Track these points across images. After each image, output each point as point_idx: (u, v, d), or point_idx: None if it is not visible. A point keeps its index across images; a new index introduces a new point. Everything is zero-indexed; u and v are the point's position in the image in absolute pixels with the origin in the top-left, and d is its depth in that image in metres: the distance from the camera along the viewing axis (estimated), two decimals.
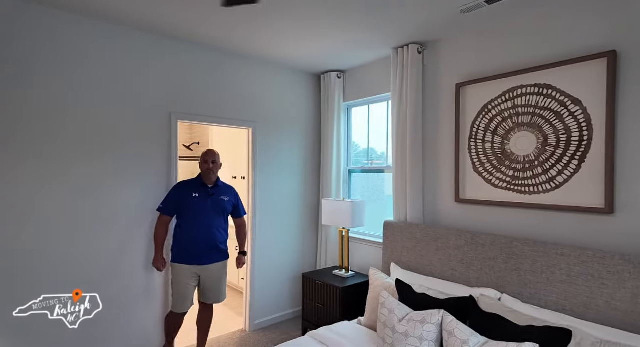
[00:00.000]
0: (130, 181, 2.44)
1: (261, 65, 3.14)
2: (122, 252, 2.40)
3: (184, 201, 2.39)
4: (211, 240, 2.43)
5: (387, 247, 2.68)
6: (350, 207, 2.80)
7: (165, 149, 2.60)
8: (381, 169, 3.21)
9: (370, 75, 3.17)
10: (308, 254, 3.51)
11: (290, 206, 3.37)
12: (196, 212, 2.40)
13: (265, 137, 3.20)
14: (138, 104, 2.50)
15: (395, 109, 2.77)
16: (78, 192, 2.24)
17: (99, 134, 2.33)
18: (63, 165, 2.19)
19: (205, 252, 2.41)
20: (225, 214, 2.54)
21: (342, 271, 2.95)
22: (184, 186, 2.47)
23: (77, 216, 2.23)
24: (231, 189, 2.65)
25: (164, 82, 2.62)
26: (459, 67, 2.46)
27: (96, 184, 2.31)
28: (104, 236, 2.34)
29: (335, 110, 3.36)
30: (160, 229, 2.40)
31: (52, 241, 2.10)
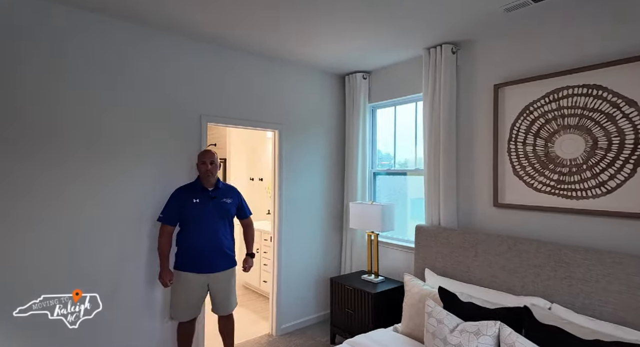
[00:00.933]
0: (154, 182, 2.38)
1: (287, 66, 3.10)
2: (142, 255, 2.35)
3: (184, 207, 2.25)
4: (217, 246, 2.29)
5: (420, 252, 2.61)
6: (380, 210, 2.74)
7: (195, 151, 2.56)
8: (406, 172, 3.14)
9: (397, 76, 3.11)
10: (332, 257, 3.46)
11: (314, 208, 3.32)
12: (199, 219, 2.25)
13: (290, 139, 3.16)
14: (169, 105, 2.47)
15: (427, 111, 2.70)
16: (100, 193, 2.19)
17: (123, 136, 2.29)
18: (84, 166, 2.13)
19: (212, 260, 2.27)
20: (229, 217, 2.40)
21: (371, 275, 2.90)
22: (183, 191, 2.31)
23: (95, 217, 2.18)
24: (233, 190, 2.50)
25: (194, 84, 2.59)
26: (498, 67, 2.39)
27: (116, 184, 2.26)
28: (127, 236, 2.30)
29: (361, 111, 3.31)
30: (163, 241, 2.25)
31: (54, 241, 1.99)
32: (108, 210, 2.22)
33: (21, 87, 1.94)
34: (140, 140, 2.35)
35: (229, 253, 2.37)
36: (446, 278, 2.35)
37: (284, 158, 3.12)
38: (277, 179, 3.11)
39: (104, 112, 2.22)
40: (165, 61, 2.45)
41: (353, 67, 3.24)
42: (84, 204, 2.14)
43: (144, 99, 2.36)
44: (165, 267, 2.26)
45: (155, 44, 2.41)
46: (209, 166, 2.30)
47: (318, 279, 3.34)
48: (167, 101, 2.46)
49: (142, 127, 2.36)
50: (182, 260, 2.29)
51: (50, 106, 2.04)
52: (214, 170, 2.33)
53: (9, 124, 1.91)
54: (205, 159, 2.31)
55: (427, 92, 2.71)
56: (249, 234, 2.60)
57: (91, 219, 2.16)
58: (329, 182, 3.42)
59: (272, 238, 3.15)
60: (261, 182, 4.84)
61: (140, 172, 2.35)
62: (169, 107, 2.47)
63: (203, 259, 2.26)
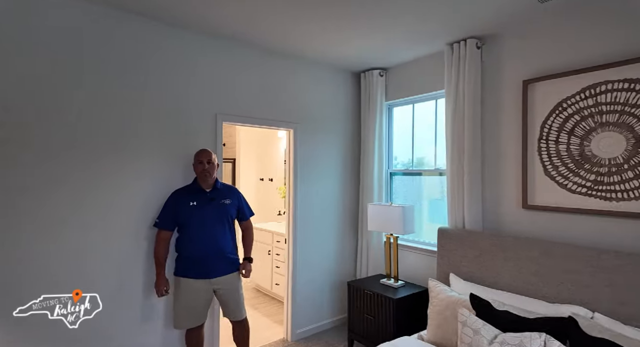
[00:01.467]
0: (167, 183, 2.29)
1: (302, 63, 3.00)
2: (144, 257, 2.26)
3: (181, 211, 2.13)
4: (218, 251, 2.16)
5: (443, 255, 2.51)
6: (400, 212, 2.64)
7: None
8: (425, 172, 3.03)
9: (416, 72, 3.00)
10: (347, 260, 3.36)
11: (329, 209, 3.22)
12: (197, 223, 2.13)
13: (305, 139, 3.06)
14: (183, 104, 2.38)
15: (449, 108, 2.59)
16: (104, 192, 2.11)
17: (131, 135, 2.20)
18: (86, 164, 2.04)
19: (214, 265, 2.16)
20: (229, 219, 2.26)
21: (391, 280, 2.79)
22: (179, 194, 2.19)
23: (98, 217, 2.10)
24: (233, 190, 2.36)
25: (210, 82, 2.50)
26: (527, 62, 2.27)
27: (128, 183, 2.18)
28: (132, 236, 2.22)
29: (377, 109, 3.20)
30: (159, 247, 2.13)
31: (55, 241, 1.89)
32: (112, 211, 2.13)
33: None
34: (150, 140, 2.26)
35: (231, 257, 2.25)
36: (473, 283, 2.24)
37: (299, 158, 3.02)
38: (291, 179, 3.01)
39: (111, 109, 2.13)
40: (180, 58, 2.36)
41: (369, 64, 3.14)
42: (86, 203, 2.05)
43: (156, 97, 2.28)
44: (161, 275, 2.14)
45: (171, 41, 2.32)
46: (206, 166, 2.17)
47: (333, 283, 3.25)
48: (181, 100, 2.37)
49: (153, 126, 2.27)
50: (182, 266, 2.18)
51: (66, 107, 1.96)
52: (212, 170, 2.20)
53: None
54: (201, 158, 2.18)
55: (449, 89, 2.60)
56: (247, 237, 2.43)
57: (95, 219, 2.07)
58: (344, 182, 3.32)
59: (287, 240, 3.05)
60: (271, 183, 4.75)
61: (151, 173, 2.26)
62: (183, 106, 2.38)
63: (204, 264, 2.15)
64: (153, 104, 2.27)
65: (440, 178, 2.97)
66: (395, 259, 2.78)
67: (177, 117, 2.36)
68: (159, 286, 2.14)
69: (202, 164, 2.19)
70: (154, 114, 2.27)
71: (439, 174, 2.95)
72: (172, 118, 2.34)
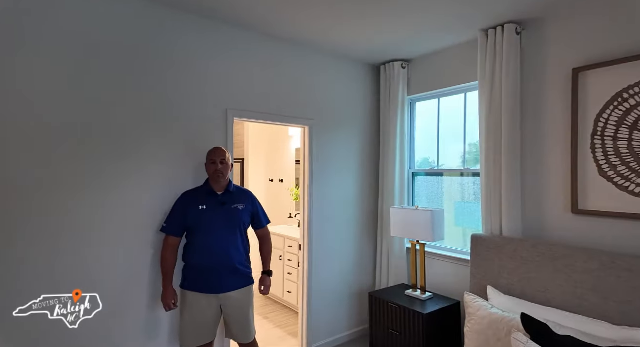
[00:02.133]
0: (171, 184, 2.07)
1: (318, 56, 2.77)
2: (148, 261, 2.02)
3: (190, 215, 1.92)
4: (227, 262, 1.93)
5: (478, 265, 2.25)
6: (429, 217, 2.39)
7: None
8: (452, 173, 2.77)
9: (443, 63, 2.75)
10: (366, 268, 3.11)
11: (346, 213, 2.98)
12: (205, 229, 1.92)
13: (321, 136, 2.82)
14: (191, 98, 2.16)
15: (484, 102, 2.33)
16: (102, 193, 1.89)
17: (133, 131, 1.98)
18: (90, 164, 1.85)
19: (222, 278, 1.92)
20: (242, 226, 2.02)
21: (417, 291, 2.54)
22: (188, 196, 1.99)
23: (97, 217, 1.89)
24: (247, 194, 2.12)
25: (220, 75, 2.27)
26: (578, 48, 2.01)
27: (133, 183, 1.97)
28: (133, 240, 2.00)
29: (399, 105, 2.95)
30: (167, 255, 1.93)
31: (56, 241, 1.71)
32: (117, 213, 1.92)
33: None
34: (156, 137, 2.04)
35: (242, 269, 1.99)
36: (515, 298, 1.98)
37: (315, 157, 2.79)
38: (306, 181, 2.77)
39: (113, 106, 1.92)
40: (187, 50, 2.14)
41: (390, 55, 2.89)
42: (88, 205, 1.84)
43: (161, 91, 2.06)
44: (168, 286, 1.93)
45: (179, 30, 2.10)
46: (218, 166, 1.95)
47: (351, 292, 3.00)
48: (188, 94, 2.15)
49: (159, 123, 2.05)
50: (188, 278, 1.96)
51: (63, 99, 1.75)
52: (225, 170, 1.97)
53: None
54: (214, 157, 1.97)
55: (483, 80, 2.35)
56: (265, 247, 2.19)
57: (96, 223, 1.86)
58: (361, 184, 3.08)
59: (301, 246, 2.82)
60: (281, 184, 4.52)
61: (158, 173, 2.04)
62: (191, 101, 2.16)
63: (211, 276, 1.91)
64: (158, 99, 2.04)
65: (467, 179, 2.71)
66: (422, 269, 2.52)
67: (185, 113, 2.13)
68: (166, 299, 1.92)
69: (215, 164, 1.96)
70: (159, 109, 2.05)
71: (471, 175, 2.69)
72: (179, 114, 2.11)
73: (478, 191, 2.62)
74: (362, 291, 3.06)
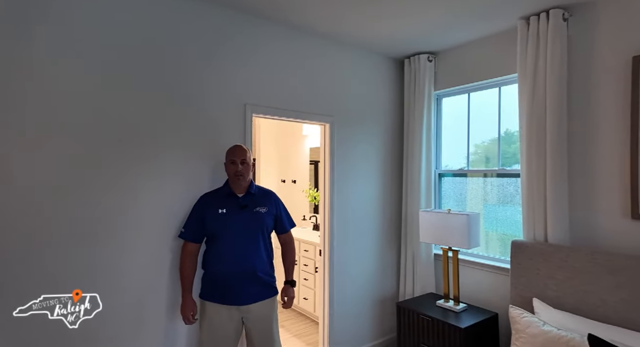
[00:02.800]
0: (184, 186, 1.90)
1: (335, 47, 2.58)
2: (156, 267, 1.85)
3: (209, 219, 1.77)
4: (249, 270, 1.76)
5: (520, 275, 2.05)
6: (465, 222, 2.19)
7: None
8: (485, 173, 2.57)
9: (476, 55, 2.55)
10: (389, 275, 2.92)
11: (367, 217, 2.79)
12: (225, 235, 1.76)
13: (341, 134, 2.64)
14: (206, 92, 1.99)
15: (525, 96, 2.14)
16: (120, 195, 1.74)
17: (142, 128, 1.81)
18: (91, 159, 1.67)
19: (243, 288, 1.75)
20: (265, 231, 1.85)
21: (449, 302, 2.35)
22: (207, 199, 1.84)
23: (101, 218, 1.72)
24: (270, 195, 1.94)
25: (239, 68, 2.10)
26: (637, 33, 1.80)
27: (148, 185, 1.81)
28: (138, 244, 1.83)
29: (425, 101, 2.76)
30: (186, 263, 1.78)
31: (59, 241, 1.56)
32: (130, 217, 1.76)
33: None
34: (168, 135, 1.87)
35: (265, 279, 1.82)
36: (568, 313, 1.78)
37: (336, 157, 2.60)
38: (327, 182, 2.59)
39: (127, 102, 1.75)
40: (203, 39, 1.97)
41: (416, 47, 2.69)
42: (101, 208, 1.68)
43: (174, 86, 1.89)
44: (187, 296, 1.77)
45: (195, 22, 1.94)
46: (239, 167, 1.78)
47: (374, 300, 2.81)
48: (205, 88, 1.98)
49: (172, 119, 1.88)
50: (207, 287, 1.80)
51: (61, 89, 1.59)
52: (246, 171, 1.80)
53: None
54: (234, 156, 1.80)
55: (524, 72, 2.15)
56: (288, 254, 2.01)
57: (109, 227, 1.70)
58: (384, 185, 2.89)
59: (322, 252, 2.64)
60: (294, 185, 4.34)
61: (169, 173, 1.87)
62: (207, 95, 1.99)
63: (231, 286, 1.74)
64: (172, 95, 1.88)
65: (499, 180, 2.51)
66: (456, 277, 2.33)
67: (201, 108, 1.96)
68: (184, 311, 1.77)
69: (235, 164, 1.79)
70: (173, 106, 1.88)
71: (496, 175, 2.49)
72: (195, 110, 1.94)
73: (512, 192, 2.43)
74: (385, 299, 2.87)
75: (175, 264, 1.86)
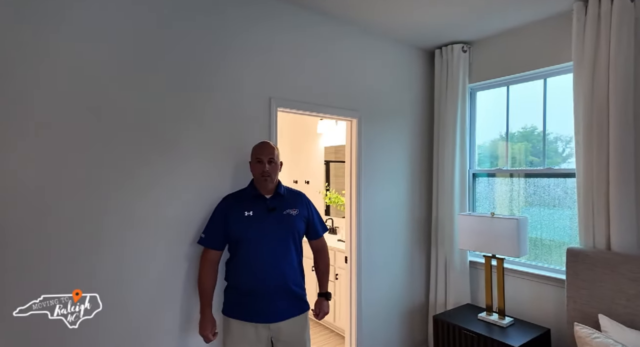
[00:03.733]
0: (203, 186, 1.69)
1: (362, 36, 2.36)
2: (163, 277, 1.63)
3: (233, 224, 1.55)
4: (279, 281, 1.54)
5: (578, 287, 1.83)
6: (514, 227, 1.97)
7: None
8: (533, 173, 2.34)
9: (517, 43, 2.32)
10: (418, 284, 2.69)
11: (394, 221, 2.56)
12: (253, 240, 1.54)
13: (369, 131, 2.41)
14: (230, 85, 1.77)
15: (583, 87, 1.91)
16: (132, 195, 1.53)
17: (158, 124, 1.60)
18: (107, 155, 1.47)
19: (274, 302, 1.53)
20: (297, 236, 1.63)
21: (493, 315, 2.12)
22: (231, 201, 1.62)
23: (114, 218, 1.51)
24: (300, 197, 1.73)
25: (263, 57, 1.88)
26: None
27: (162, 184, 1.60)
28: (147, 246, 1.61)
29: (459, 94, 2.53)
30: (206, 272, 1.56)
31: (59, 241, 1.39)
32: (141, 219, 1.55)
33: None
34: (186, 131, 1.65)
35: (298, 291, 1.60)
36: None
37: (363, 156, 2.38)
38: (354, 183, 2.36)
39: (139, 91, 1.53)
40: (231, 23, 1.74)
41: (449, 36, 2.47)
42: (109, 209, 1.47)
43: (196, 75, 1.66)
44: (206, 312, 1.56)
45: (216, 5, 1.72)
46: (266, 166, 1.57)
47: (402, 311, 2.58)
48: (226, 79, 1.75)
49: (191, 114, 1.66)
50: (231, 302, 1.58)
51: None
52: (274, 171, 1.61)
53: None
54: (261, 155, 1.59)
55: (581, 60, 1.93)
56: (322, 262, 1.78)
57: (116, 230, 1.49)
58: (412, 186, 2.66)
59: (349, 259, 2.41)
60: (308, 185, 4.11)
61: (187, 173, 1.65)
62: (229, 87, 1.76)
63: (260, 300, 1.52)
64: (190, 86, 1.65)
65: (547, 181, 2.28)
66: (501, 288, 2.10)
67: (222, 102, 1.74)
68: (203, 329, 1.55)
69: (262, 163, 1.57)
70: (191, 99, 1.66)
71: (556, 176, 2.27)
72: (215, 103, 1.72)
73: (560, 195, 2.21)
74: (414, 310, 2.65)
75: (192, 274, 1.65)
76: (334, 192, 3.56)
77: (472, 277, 2.51)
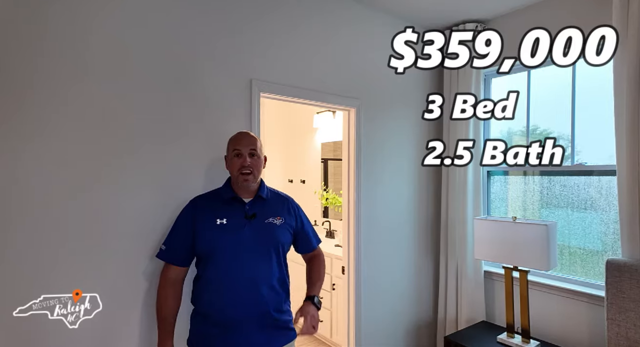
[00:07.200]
0: (167, 186, 1.41)
1: (364, 11, 2.05)
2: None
3: (202, 234, 1.25)
4: (258, 308, 1.23)
5: (624, 308, 1.52)
6: (544, 234, 1.66)
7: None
8: (565, 170, 2.03)
9: (539, 22, 2.00)
10: (424, 297, 2.38)
11: (398, 226, 2.26)
12: (226, 254, 1.23)
13: (368, 123, 2.10)
14: (200, 62, 1.46)
15: (627, 67, 1.60)
16: (112, 188, 1.26)
17: (118, 112, 1.30)
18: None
19: (249, 335, 1.22)
20: (280, 250, 1.31)
21: (516, 337, 1.81)
22: (201, 205, 1.31)
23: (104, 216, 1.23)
24: (287, 202, 1.42)
25: (242, 31, 1.56)
26: None
27: (115, 184, 1.31)
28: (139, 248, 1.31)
29: (472, 81, 2.22)
30: (165, 293, 1.27)
31: (59, 240, 1.28)
32: (94, 228, 1.26)
33: None
34: (143, 118, 1.35)
35: (281, 319, 1.28)
36: None
37: (363, 151, 2.07)
38: (352, 183, 2.06)
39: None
40: None
41: (460, 14, 2.17)
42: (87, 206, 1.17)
43: (156, 51, 1.36)
44: (166, 341, 1.25)
45: None
46: (247, 160, 1.25)
47: (407, 329, 2.28)
48: (196, 55, 1.44)
49: (152, 98, 1.35)
50: (197, 332, 1.26)
51: None
52: (256, 166, 1.28)
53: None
54: (239, 146, 1.27)
55: (624, 35, 1.61)
56: (315, 269, 1.44)
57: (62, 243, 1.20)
58: (417, 186, 2.35)
59: (346, 270, 2.10)
60: (303, 185, 3.80)
61: (145, 171, 1.35)
62: (198, 65, 1.45)
63: (232, 333, 1.20)
64: (152, 61, 1.34)
65: (577, 180, 1.97)
66: (525, 305, 1.79)
67: (191, 82, 1.43)
68: None
69: (241, 156, 1.26)
70: (153, 76, 1.35)
71: (587, 173, 1.96)
72: (183, 84, 1.41)
73: (593, 195, 1.90)
74: (420, 327, 2.35)
75: (150, 294, 1.34)
76: (331, 192, 3.25)
77: (487, 290, 2.20)
